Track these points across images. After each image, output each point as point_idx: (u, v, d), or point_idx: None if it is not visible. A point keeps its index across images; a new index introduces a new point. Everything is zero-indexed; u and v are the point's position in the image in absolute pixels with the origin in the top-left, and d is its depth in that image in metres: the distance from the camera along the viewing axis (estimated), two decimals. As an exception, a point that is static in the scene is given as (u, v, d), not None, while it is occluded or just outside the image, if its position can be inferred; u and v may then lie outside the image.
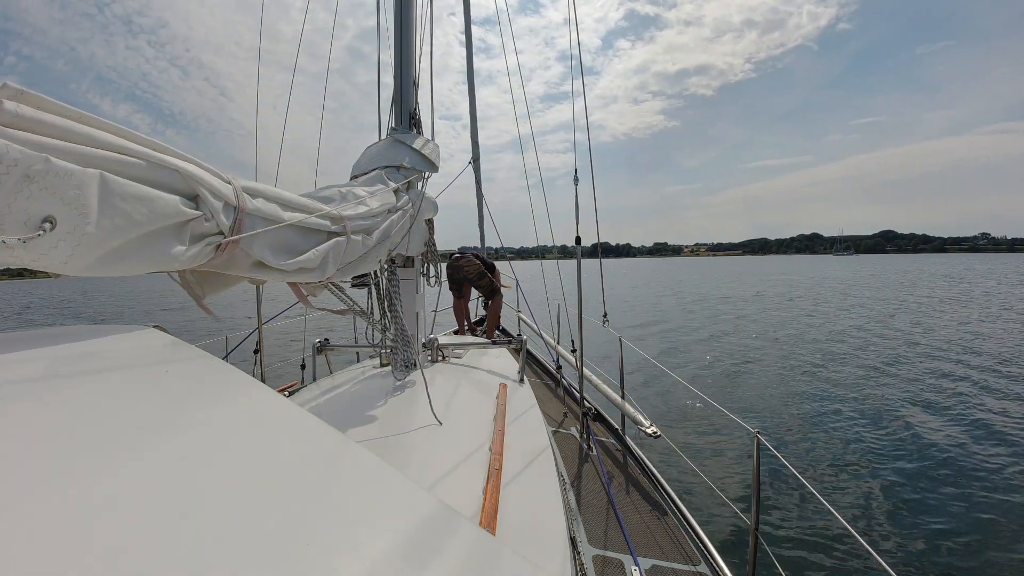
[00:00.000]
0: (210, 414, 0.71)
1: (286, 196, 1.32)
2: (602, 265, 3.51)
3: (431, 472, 1.49)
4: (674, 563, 2.24)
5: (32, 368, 0.68)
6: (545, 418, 2.74)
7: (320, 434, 0.74)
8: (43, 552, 0.38)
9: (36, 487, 0.44)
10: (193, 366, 0.84)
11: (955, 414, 6.80)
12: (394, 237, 2.00)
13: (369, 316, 2.31)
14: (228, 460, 0.59)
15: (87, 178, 0.78)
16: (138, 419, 0.62)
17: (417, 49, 2.79)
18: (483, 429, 1.84)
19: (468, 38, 4.53)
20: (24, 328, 0.88)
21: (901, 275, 48.01)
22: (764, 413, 7.02)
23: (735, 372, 9.44)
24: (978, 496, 4.61)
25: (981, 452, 5.54)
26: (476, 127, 4.20)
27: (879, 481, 4.93)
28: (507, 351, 3.46)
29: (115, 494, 0.47)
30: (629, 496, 2.84)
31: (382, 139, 2.61)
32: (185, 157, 1.00)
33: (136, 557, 0.40)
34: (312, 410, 0.86)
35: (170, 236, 0.96)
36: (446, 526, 0.62)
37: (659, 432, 3.06)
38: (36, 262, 0.76)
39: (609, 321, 3.55)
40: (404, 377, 2.37)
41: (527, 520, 1.33)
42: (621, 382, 3.82)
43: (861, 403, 7.33)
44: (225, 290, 1.30)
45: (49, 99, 0.76)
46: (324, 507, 0.56)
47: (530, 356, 5.59)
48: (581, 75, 3.28)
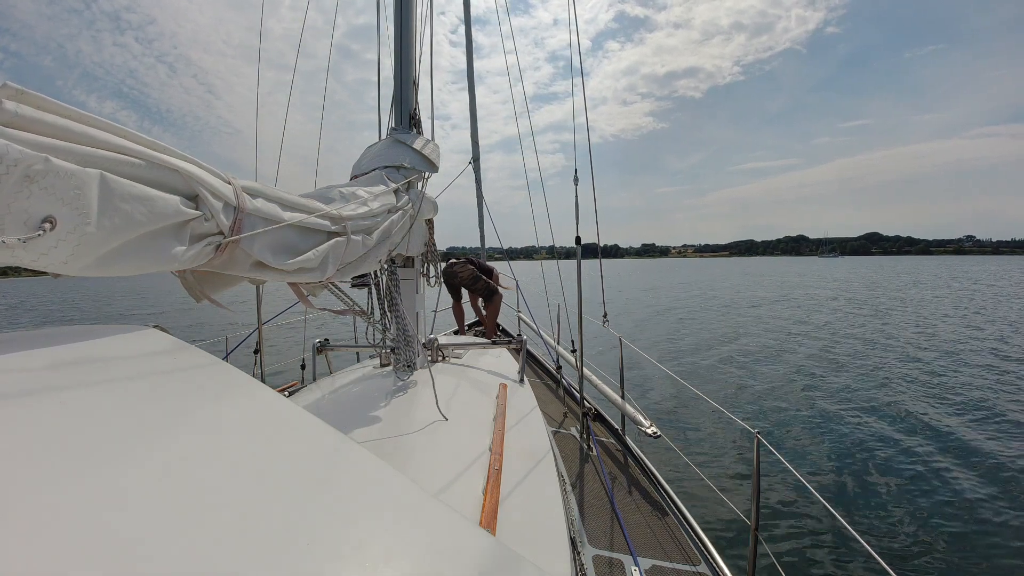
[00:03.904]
0: (210, 414, 0.71)
1: (286, 196, 1.32)
2: (601, 266, 3.51)
3: (431, 472, 1.49)
4: (674, 563, 2.24)
5: (32, 368, 0.68)
6: (545, 418, 2.74)
7: (320, 434, 0.74)
8: (44, 552, 0.38)
9: (37, 487, 0.44)
10: (194, 366, 0.84)
11: (958, 414, 6.80)
12: (394, 237, 2.00)
13: (369, 316, 2.31)
14: (228, 460, 0.59)
15: (87, 178, 0.78)
16: (138, 419, 0.62)
17: (417, 49, 2.79)
18: (483, 429, 1.84)
19: (468, 38, 4.53)
20: (24, 328, 0.88)
21: (905, 275, 47.92)
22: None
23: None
24: (979, 496, 4.61)
25: (982, 452, 5.54)
26: (476, 127, 4.20)
27: (879, 481, 4.93)
28: (507, 351, 3.46)
29: (116, 494, 0.47)
30: (629, 496, 2.84)
31: (382, 139, 2.61)
32: (185, 157, 1.00)
33: (136, 557, 0.40)
34: (312, 410, 0.86)
35: (170, 236, 0.96)
36: (446, 526, 0.62)
37: (659, 432, 3.06)
38: (36, 262, 0.76)
39: (609, 321, 3.55)
40: (405, 377, 2.37)
41: (527, 520, 1.33)
42: (621, 382, 3.82)
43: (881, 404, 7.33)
44: (225, 290, 1.30)
45: (49, 99, 0.76)
46: (324, 507, 0.56)
47: (530, 356, 5.59)
48: (581, 75, 3.28)
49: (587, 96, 3.30)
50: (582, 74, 3.29)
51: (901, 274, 53.09)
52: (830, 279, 41.35)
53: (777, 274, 57.82)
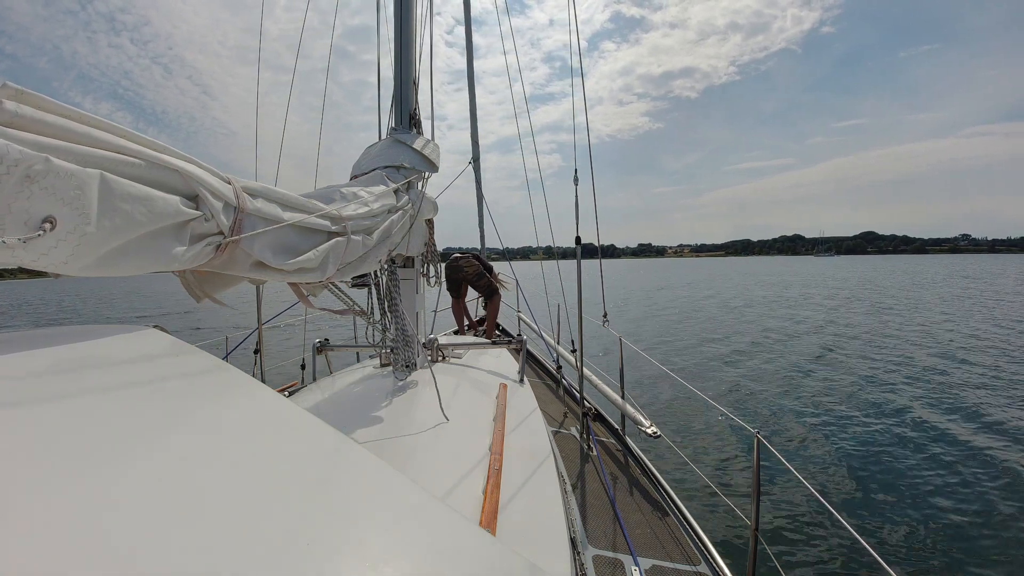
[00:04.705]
0: (210, 414, 0.71)
1: (286, 196, 1.32)
2: (602, 266, 3.51)
3: (431, 472, 1.49)
4: (674, 563, 2.24)
5: (33, 368, 0.68)
6: (545, 418, 2.74)
7: (320, 434, 0.74)
8: (44, 552, 0.38)
9: (37, 488, 0.44)
10: (193, 366, 0.84)
11: (960, 414, 6.80)
12: (394, 237, 2.00)
13: (369, 316, 2.31)
14: (228, 460, 0.59)
15: (87, 178, 0.78)
16: (138, 419, 0.62)
17: (416, 49, 2.79)
18: (483, 429, 1.84)
19: (468, 38, 4.54)
20: (24, 328, 0.88)
21: (909, 275, 47.71)
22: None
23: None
24: (980, 496, 4.61)
25: (984, 452, 5.54)
26: (476, 127, 4.21)
27: (879, 481, 4.93)
28: (507, 351, 3.46)
29: (116, 494, 0.47)
30: (629, 496, 2.84)
31: (382, 139, 2.61)
32: (185, 157, 1.00)
33: (137, 557, 0.40)
34: (312, 410, 0.86)
35: (170, 236, 0.96)
36: (446, 526, 0.62)
37: (659, 432, 3.07)
38: (36, 262, 0.76)
39: (609, 321, 3.55)
40: (404, 377, 2.37)
41: (527, 520, 1.33)
42: (621, 382, 3.82)
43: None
44: (225, 290, 1.30)
45: (49, 99, 0.76)
46: (324, 507, 0.56)
47: (530, 356, 5.59)
48: (581, 75, 3.28)
49: (584, 96, 3.30)
50: (582, 75, 3.29)
51: (898, 273, 53.11)
52: (823, 278, 41.19)
53: (773, 274, 57.78)
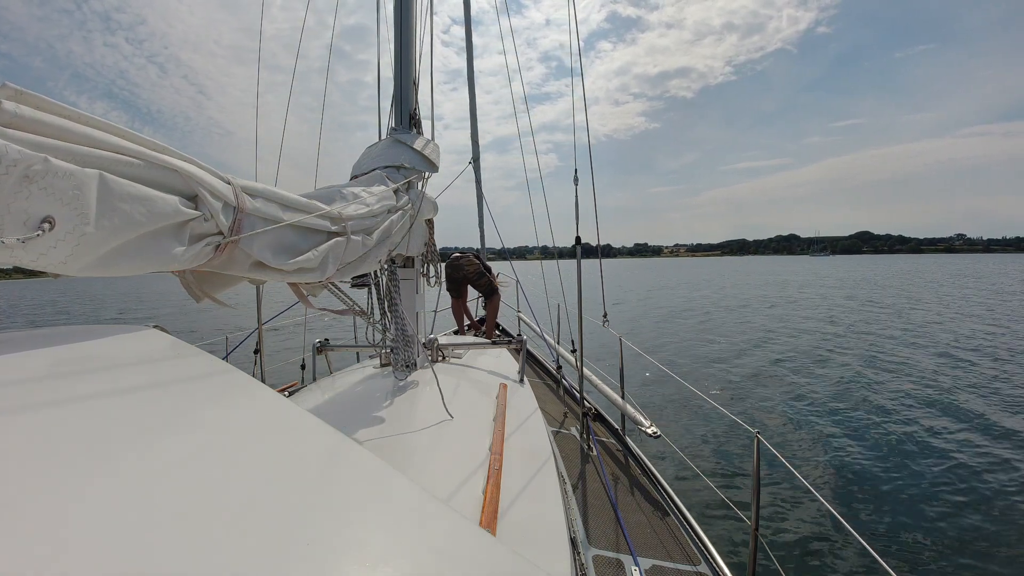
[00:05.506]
0: (210, 414, 0.70)
1: (286, 196, 1.32)
2: (602, 266, 3.51)
3: (431, 472, 1.49)
4: (675, 563, 2.24)
5: (33, 368, 0.68)
6: (545, 418, 2.73)
7: (320, 434, 0.73)
8: (45, 552, 0.38)
9: (37, 488, 0.44)
10: (193, 366, 0.84)
11: (960, 414, 6.80)
12: (394, 237, 2.00)
13: (369, 316, 2.31)
14: (228, 460, 0.59)
15: (86, 178, 0.77)
16: (138, 419, 0.62)
17: (416, 49, 2.79)
18: (483, 429, 1.84)
19: (468, 38, 4.54)
20: (25, 328, 0.88)
21: (914, 275, 47.53)
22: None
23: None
24: (980, 495, 4.61)
25: (985, 452, 5.54)
26: (476, 127, 4.20)
27: (880, 481, 4.93)
28: (507, 351, 3.46)
29: (116, 495, 0.47)
30: (630, 496, 2.84)
31: (382, 139, 2.61)
32: (184, 157, 1.00)
33: (137, 558, 0.40)
34: (312, 410, 0.86)
35: (169, 236, 0.95)
36: (446, 526, 0.62)
37: (659, 432, 3.07)
38: (35, 262, 0.76)
39: (609, 321, 3.55)
40: (404, 377, 2.37)
41: (527, 520, 1.33)
42: (621, 382, 3.82)
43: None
44: (225, 290, 1.29)
45: (48, 99, 0.76)
46: (324, 507, 0.56)
47: (530, 356, 5.59)
48: (581, 75, 3.28)
49: (584, 96, 3.30)
50: (582, 75, 3.29)
51: (896, 273, 52.88)
52: (819, 278, 41.08)
53: (771, 273, 57.65)
